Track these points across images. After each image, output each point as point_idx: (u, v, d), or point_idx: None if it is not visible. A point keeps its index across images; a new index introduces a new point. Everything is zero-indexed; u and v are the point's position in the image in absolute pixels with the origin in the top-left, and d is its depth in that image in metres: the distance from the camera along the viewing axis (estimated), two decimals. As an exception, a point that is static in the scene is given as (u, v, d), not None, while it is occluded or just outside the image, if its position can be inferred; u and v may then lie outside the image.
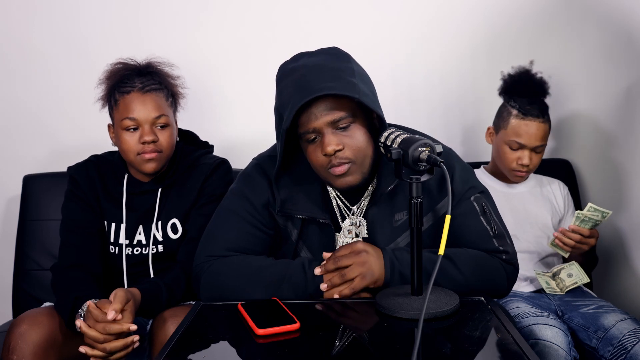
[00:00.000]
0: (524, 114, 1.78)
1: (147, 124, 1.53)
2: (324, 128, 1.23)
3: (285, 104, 1.23)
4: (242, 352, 1.03)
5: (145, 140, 1.51)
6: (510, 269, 1.32)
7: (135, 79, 1.55)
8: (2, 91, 2.14)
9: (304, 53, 1.30)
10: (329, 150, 1.22)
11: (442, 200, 1.34)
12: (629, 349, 1.46)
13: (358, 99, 1.20)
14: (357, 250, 1.24)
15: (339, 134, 1.24)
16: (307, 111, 1.23)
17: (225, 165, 1.65)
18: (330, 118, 1.22)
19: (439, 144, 1.15)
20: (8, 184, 2.12)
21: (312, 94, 1.18)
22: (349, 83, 1.21)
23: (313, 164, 1.29)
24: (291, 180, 1.36)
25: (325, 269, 1.25)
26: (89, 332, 1.27)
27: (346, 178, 1.27)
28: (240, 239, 1.35)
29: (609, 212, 1.67)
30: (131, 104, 1.52)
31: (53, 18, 2.11)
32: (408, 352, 0.97)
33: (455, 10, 2.11)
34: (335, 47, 1.32)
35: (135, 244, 1.60)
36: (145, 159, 1.53)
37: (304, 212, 1.33)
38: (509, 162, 1.82)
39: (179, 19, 2.12)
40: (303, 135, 1.26)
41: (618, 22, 1.89)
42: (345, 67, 1.25)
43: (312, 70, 1.23)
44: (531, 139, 1.78)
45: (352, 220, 1.36)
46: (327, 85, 1.19)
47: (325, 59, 1.26)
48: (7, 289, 1.96)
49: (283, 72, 1.29)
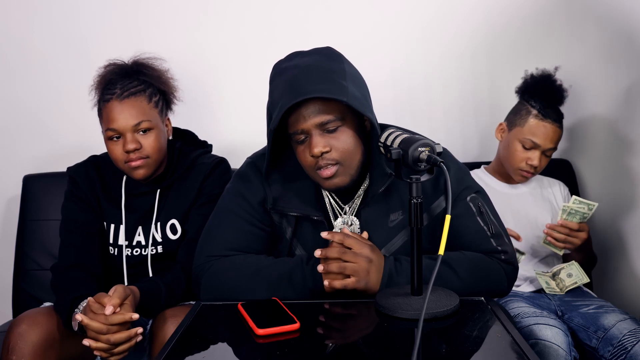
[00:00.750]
0: (544, 115, 1.79)
1: (129, 132, 1.50)
2: (312, 130, 1.24)
3: (275, 104, 1.23)
4: (242, 352, 1.03)
5: (127, 149, 1.49)
6: (509, 268, 1.32)
7: (117, 84, 1.52)
8: (2, 91, 2.14)
9: (298, 52, 1.30)
10: (315, 152, 1.23)
11: (437, 199, 1.34)
12: (629, 349, 1.46)
13: (346, 103, 1.20)
14: (365, 255, 1.23)
15: (327, 136, 1.24)
16: (296, 112, 1.23)
17: (223, 164, 1.65)
18: (319, 120, 1.23)
19: (438, 144, 1.15)
20: (8, 184, 2.12)
21: (301, 95, 1.19)
22: (339, 86, 1.21)
23: (302, 164, 1.30)
24: (284, 178, 1.36)
25: (326, 254, 1.23)
26: (91, 323, 1.26)
27: (333, 180, 1.27)
28: (239, 238, 1.35)
29: (595, 204, 1.69)
30: (111, 114, 1.50)
31: (53, 18, 2.11)
32: (408, 352, 0.97)
33: (455, 10, 2.11)
34: (329, 47, 1.32)
35: (134, 245, 1.60)
36: (132, 167, 1.52)
37: (297, 209, 1.33)
38: (518, 160, 1.82)
39: (179, 18, 2.12)
40: (292, 136, 1.27)
41: (618, 22, 1.89)
42: (337, 69, 1.25)
43: (303, 71, 1.23)
44: (546, 141, 1.79)
45: (344, 219, 1.36)
46: (317, 87, 1.20)
47: (318, 59, 1.26)
48: (7, 289, 1.96)
49: (276, 71, 1.29)
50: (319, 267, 1.23)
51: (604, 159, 2.02)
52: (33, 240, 1.93)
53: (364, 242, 1.25)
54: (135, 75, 1.55)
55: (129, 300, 1.32)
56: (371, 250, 1.25)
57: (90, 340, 1.27)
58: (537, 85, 1.84)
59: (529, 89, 1.85)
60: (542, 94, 1.82)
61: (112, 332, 1.26)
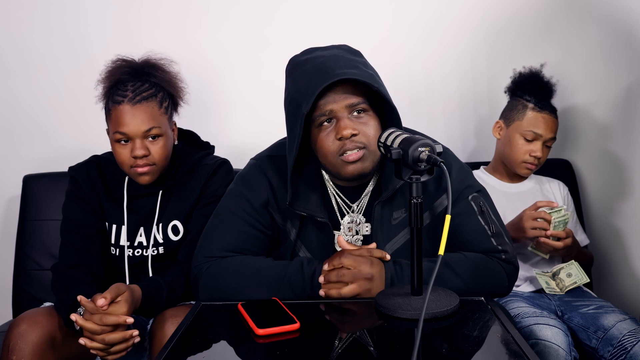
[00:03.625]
0: (540, 107, 1.83)
1: (138, 138, 1.49)
2: (341, 111, 1.24)
3: (302, 90, 1.23)
4: (242, 352, 1.03)
5: (136, 154, 1.49)
6: (510, 268, 1.32)
7: (127, 85, 1.51)
8: (2, 91, 2.14)
9: (315, 48, 1.32)
10: (345, 134, 1.23)
11: (440, 197, 1.34)
12: (629, 349, 1.46)
13: (377, 89, 1.22)
14: (363, 276, 1.22)
15: (355, 120, 1.25)
16: (324, 96, 1.24)
17: (226, 165, 1.65)
18: (349, 102, 1.24)
19: (438, 144, 1.15)
20: (8, 184, 2.12)
21: (334, 77, 1.20)
22: (367, 73, 1.24)
23: (324, 150, 1.27)
24: (294, 178, 1.35)
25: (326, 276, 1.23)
26: (86, 324, 1.27)
27: (359, 164, 1.26)
28: (238, 240, 1.35)
29: (564, 207, 1.73)
30: (122, 117, 1.48)
31: (53, 18, 2.11)
32: (408, 352, 0.97)
33: (455, 10, 2.11)
34: (346, 44, 1.35)
35: (136, 246, 1.60)
36: (138, 172, 1.52)
37: (305, 209, 1.32)
38: (521, 153, 1.84)
39: (180, 18, 2.12)
40: (317, 119, 1.26)
41: (618, 22, 1.89)
42: (360, 61, 1.28)
43: (330, 59, 1.25)
44: (547, 130, 1.83)
45: (352, 218, 1.36)
46: (348, 71, 1.21)
47: (340, 52, 1.29)
48: (7, 289, 1.96)
49: (296, 63, 1.30)
50: (321, 278, 1.23)
51: (604, 159, 2.01)
52: (33, 240, 1.93)
53: (362, 259, 1.23)
54: (146, 77, 1.54)
55: (124, 297, 1.32)
56: (370, 266, 1.23)
57: (85, 339, 1.28)
58: (527, 82, 1.87)
59: (520, 85, 1.89)
60: (534, 89, 1.86)
61: (107, 333, 1.27)
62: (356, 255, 1.24)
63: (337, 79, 1.20)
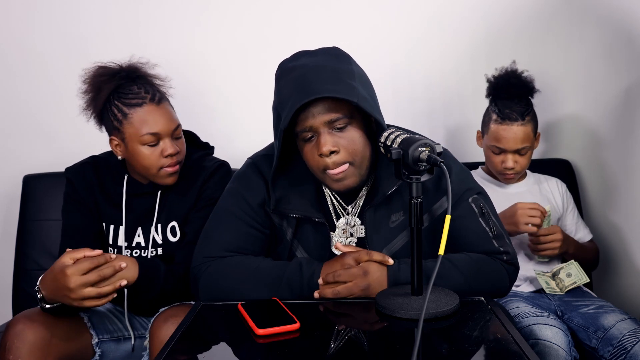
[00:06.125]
0: (502, 119, 1.78)
1: (168, 137, 1.50)
2: (321, 127, 1.23)
3: (284, 103, 1.23)
4: (242, 352, 1.03)
5: (170, 152, 1.49)
6: (511, 269, 1.32)
7: (134, 88, 1.50)
8: (2, 91, 2.14)
9: (305, 52, 1.30)
10: (324, 151, 1.22)
11: (439, 200, 1.34)
12: (629, 349, 1.46)
13: (357, 104, 1.20)
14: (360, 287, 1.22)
15: (335, 135, 1.24)
16: (305, 110, 1.22)
17: (224, 167, 1.64)
18: (327, 118, 1.22)
19: (438, 145, 1.15)
20: (8, 184, 2.12)
21: (312, 95, 1.18)
22: (349, 86, 1.21)
23: (310, 164, 1.29)
24: (286, 180, 1.35)
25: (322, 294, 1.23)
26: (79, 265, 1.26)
27: (344, 182, 1.27)
28: (237, 239, 1.35)
29: (548, 206, 1.74)
30: (149, 117, 1.48)
31: (53, 18, 2.11)
32: (408, 352, 0.97)
33: (454, 10, 2.11)
34: (336, 48, 1.31)
35: (134, 246, 1.59)
36: (168, 173, 1.52)
37: (298, 211, 1.33)
38: (495, 165, 1.84)
39: (179, 19, 2.12)
40: (300, 134, 1.26)
41: (618, 22, 1.89)
42: (345, 69, 1.25)
43: (312, 70, 1.22)
44: (509, 143, 1.78)
45: (347, 220, 1.36)
46: (327, 87, 1.19)
47: (326, 59, 1.26)
48: (7, 289, 1.96)
49: (283, 70, 1.29)
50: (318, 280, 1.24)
51: (603, 159, 2.01)
52: (33, 240, 1.93)
53: (358, 270, 1.23)
54: (144, 80, 1.54)
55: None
56: (363, 275, 1.22)
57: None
58: (499, 86, 1.83)
59: (493, 91, 1.85)
60: (506, 92, 1.81)
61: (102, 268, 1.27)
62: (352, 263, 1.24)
63: (314, 97, 1.18)
